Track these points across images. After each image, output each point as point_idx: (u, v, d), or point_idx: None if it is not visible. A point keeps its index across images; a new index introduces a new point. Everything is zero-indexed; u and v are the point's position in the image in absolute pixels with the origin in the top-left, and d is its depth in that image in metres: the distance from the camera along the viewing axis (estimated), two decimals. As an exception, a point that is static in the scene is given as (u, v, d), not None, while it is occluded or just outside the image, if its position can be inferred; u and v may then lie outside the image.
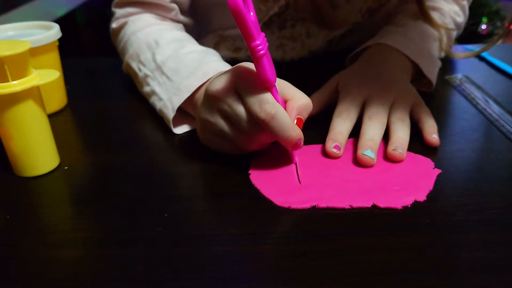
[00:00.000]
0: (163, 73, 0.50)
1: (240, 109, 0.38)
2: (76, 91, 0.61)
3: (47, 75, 0.39)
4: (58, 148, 0.43)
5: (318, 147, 0.44)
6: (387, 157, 0.41)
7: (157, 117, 0.52)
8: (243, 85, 0.37)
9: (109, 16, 0.64)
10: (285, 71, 0.45)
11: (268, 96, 0.36)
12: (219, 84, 0.38)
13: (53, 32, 0.52)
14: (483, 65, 0.67)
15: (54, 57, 0.53)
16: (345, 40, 0.69)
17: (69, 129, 0.53)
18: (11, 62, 0.37)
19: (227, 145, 0.41)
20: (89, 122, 0.54)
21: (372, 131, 0.43)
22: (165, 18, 0.61)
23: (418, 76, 0.55)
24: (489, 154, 0.43)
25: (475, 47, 0.71)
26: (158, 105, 0.49)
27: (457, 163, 0.42)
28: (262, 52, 0.35)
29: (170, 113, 0.47)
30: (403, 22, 0.59)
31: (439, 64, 0.58)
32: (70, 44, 0.85)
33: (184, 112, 0.50)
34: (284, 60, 0.69)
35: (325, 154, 0.42)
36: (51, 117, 0.51)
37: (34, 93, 0.39)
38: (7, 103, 0.38)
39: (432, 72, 0.55)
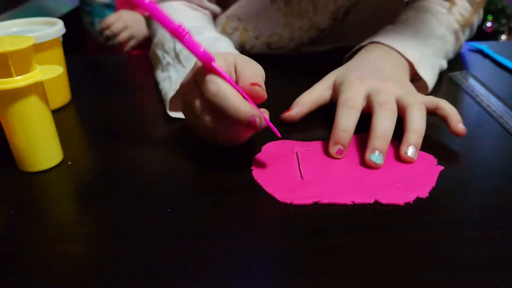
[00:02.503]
0: (180, 61, 0.52)
1: (196, 101, 0.39)
2: (80, 87, 0.62)
3: (51, 71, 0.39)
4: (62, 143, 0.43)
5: (320, 143, 0.44)
6: (395, 154, 0.41)
7: (160, 113, 0.52)
8: (198, 74, 0.38)
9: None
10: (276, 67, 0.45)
11: (211, 76, 0.36)
12: (185, 78, 0.40)
13: (57, 28, 0.52)
14: (487, 62, 0.66)
15: (58, 53, 0.54)
16: (349, 17, 0.68)
17: (72, 125, 0.53)
18: (15, 57, 0.37)
19: (210, 138, 0.42)
20: (93, 118, 0.54)
21: (385, 123, 0.41)
22: (192, 4, 0.64)
23: (416, 76, 0.53)
24: (493, 151, 0.43)
25: (481, 45, 0.71)
26: (165, 89, 0.51)
27: (460, 160, 0.42)
28: (184, 32, 0.36)
29: (171, 93, 0.49)
30: (404, 18, 0.58)
31: (441, 65, 0.56)
32: (74, 41, 0.85)
33: None
34: (293, 41, 0.68)
35: (328, 151, 0.42)
36: (55, 113, 0.51)
37: (38, 89, 0.39)
38: (11, 98, 0.38)
39: (428, 73, 0.53)
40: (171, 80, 0.52)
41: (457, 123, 0.42)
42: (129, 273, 0.30)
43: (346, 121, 0.42)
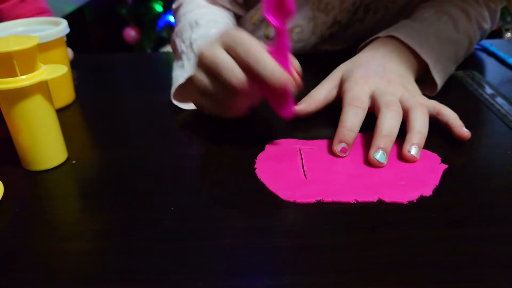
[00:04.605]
0: (192, 50, 0.52)
1: (220, 56, 0.38)
2: (84, 86, 0.62)
3: (55, 70, 0.40)
4: (66, 142, 0.44)
5: (324, 142, 0.44)
6: (398, 153, 0.41)
7: (164, 111, 0.52)
8: (231, 40, 0.38)
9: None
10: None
11: (252, 42, 0.37)
12: (207, 45, 0.40)
13: (61, 27, 0.52)
14: (491, 60, 0.66)
15: (62, 52, 0.54)
16: (369, 16, 0.67)
17: (77, 123, 0.53)
18: (19, 57, 0.37)
19: (213, 106, 0.42)
20: (97, 117, 0.54)
21: (391, 122, 0.41)
22: (215, 2, 0.64)
23: (423, 77, 0.52)
24: (496, 149, 0.43)
25: (485, 43, 0.70)
26: (176, 76, 0.52)
27: (463, 158, 0.41)
28: None
29: (181, 80, 0.49)
30: (423, 16, 0.56)
31: (450, 70, 0.56)
32: (78, 40, 0.86)
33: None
34: (314, 35, 0.68)
35: (331, 149, 0.42)
36: (59, 112, 0.51)
37: (42, 88, 0.39)
38: (16, 97, 0.38)
39: (440, 76, 0.52)
40: (183, 68, 0.52)
41: (461, 127, 0.42)
42: (133, 271, 0.30)
43: (352, 120, 0.42)
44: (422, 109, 0.43)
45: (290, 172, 0.40)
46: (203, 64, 0.40)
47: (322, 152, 0.42)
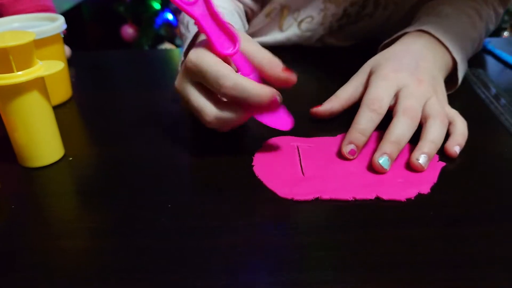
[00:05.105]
0: (187, 29, 0.54)
1: (191, 94, 0.39)
2: (81, 83, 0.61)
3: (52, 66, 0.39)
4: (63, 139, 0.43)
5: (322, 139, 0.44)
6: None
7: (161, 109, 0.52)
8: (197, 70, 0.38)
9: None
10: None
11: (222, 70, 0.36)
12: (179, 76, 0.40)
13: (58, 24, 0.52)
14: (489, 58, 0.66)
15: (59, 49, 0.54)
16: (378, 12, 0.67)
17: (74, 120, 0.53)
18: (16, 52, 0.37)
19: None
20: (94, 114, 0.54)
21: (402, 130, 0.39)
22: None
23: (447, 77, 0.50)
24: (495, 147, 0.43)
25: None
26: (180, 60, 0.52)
27: (461, 156, 0.41)
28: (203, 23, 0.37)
29: (179, 63, 0.51)
30: (446, 12, 0.54)
31: (466, 68, 0.55)
32: (76, 38, 0.85)
33: None
34: (322, 26, 0.67)
35: (330, 146, 0.42)
36: (56, 108, 0.51)
37: (39, 84, 0.39)
38: (12, 93, 0.38)
39: (462, 74, 0.51)
40: (183, 47, 0.53)
41: (454, 144, 0.41)
42: (130, 269, 0.30)
43: (366, 124, 0.40)
44: (442, 119, 0.41)
45: (288, 169, 0.39)
46: (181, 98, 0.41)
47: (320, 149, 0.42)
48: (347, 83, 0.48)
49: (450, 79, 0.51)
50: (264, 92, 0.36)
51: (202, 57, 0.37)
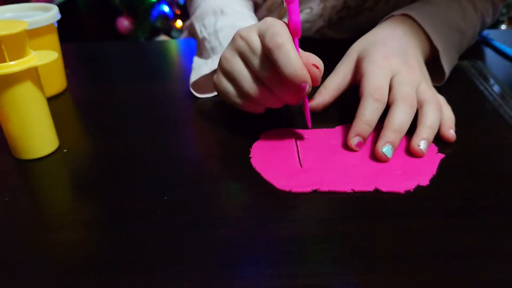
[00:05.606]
0: (217, 38, 0.52)
1: (238, 64, 0.39)
2: (76, 75, 0.61)
3: (45, 56, 0.39)
4: (58, 131, 0.43)
5: (320, 131, 0.43)
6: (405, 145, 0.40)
7: (157, 101, 0.51)
8: (265, 27, 0.38)
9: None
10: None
11: (281, 29, 0.37)
12: (246, 27, 0.40)
13: (52, 13, 0.51)
14: (488, 50, 0.66)
15: (53, 39, 0.53)
16: (380, 5, 0.66)
17: (68, 112, 0.52)
18: (8, 42, 0.36)
19: (234, 94, 0.41)
20: (89, 106, 0.53)
21: (403, 117, 0.39)
22: None
23: (429, 65, 0.49)
24: (493, 139, 0.43)
25: (483, 32, 0.70)
26: (197, 64, 0.52)
27: (460, 148, 0.41)
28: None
29: (206, 70, 0.50)
30: (435, 0, 0.54)
31: (455, 60, 0.54)
32: (71, 30, 0.84)
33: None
34: (321, 18, 0.67)
35: (328, 138, 0.42)
36: (51, 100, 0.50)
37: (32, 74, 0.38)
38: (4, 84, 0.37)
39: (448, 65, 0.50)
40: (205, 57, 0.52)
41: (448, 128, 0.41)
42: (126, 261, 0.29)
43: (372, 114, 0.40)
44: (437, 104, 0.41)
45: (285, 161, 0.39)
46: (223, 68, 0.41)
47: (318, 141, 0.42)
48: (334, 71, 0.48)
49: (435, 71, 0.50)
50: (301, 71, 0.36)
51: (276, 20, 0.38)
